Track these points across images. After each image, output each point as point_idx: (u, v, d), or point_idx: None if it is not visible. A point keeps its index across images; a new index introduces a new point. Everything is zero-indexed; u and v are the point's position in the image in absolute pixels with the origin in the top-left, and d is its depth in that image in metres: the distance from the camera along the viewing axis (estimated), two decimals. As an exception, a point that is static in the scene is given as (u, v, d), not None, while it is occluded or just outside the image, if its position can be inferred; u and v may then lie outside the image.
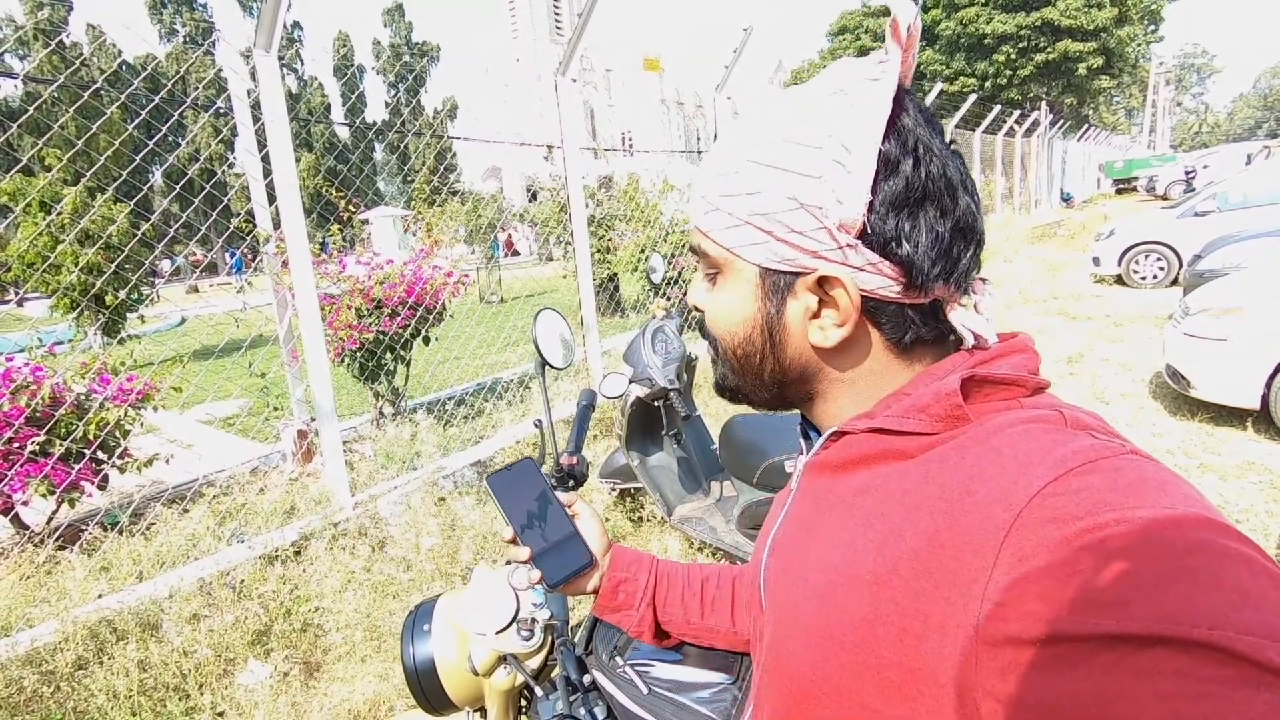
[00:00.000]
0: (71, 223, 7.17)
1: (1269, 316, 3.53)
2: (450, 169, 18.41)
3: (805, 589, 0.50)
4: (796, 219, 0.47)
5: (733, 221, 0.50)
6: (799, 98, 0.49)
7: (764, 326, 0.53)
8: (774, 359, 0.54)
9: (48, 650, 2.11)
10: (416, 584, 2.66)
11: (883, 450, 0.48)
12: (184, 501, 3.07)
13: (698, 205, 0.54)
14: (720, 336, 0.56)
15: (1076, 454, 0.38)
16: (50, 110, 16.79)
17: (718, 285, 0.55)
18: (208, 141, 20.73)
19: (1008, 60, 30.29)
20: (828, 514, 0.51)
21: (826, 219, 0.46)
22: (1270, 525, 2.78)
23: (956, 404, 0.45)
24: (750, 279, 0.52)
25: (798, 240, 0.48)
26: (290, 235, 2.86)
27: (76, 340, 7.19)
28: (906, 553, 0.42)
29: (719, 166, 0.51)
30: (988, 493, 0.39)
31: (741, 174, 0.49)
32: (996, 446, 0.42)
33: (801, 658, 0.48)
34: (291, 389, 3.63)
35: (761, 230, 0.49)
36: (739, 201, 0.49)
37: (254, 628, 2.38)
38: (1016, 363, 0.49)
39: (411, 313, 4.04)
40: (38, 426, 2.68)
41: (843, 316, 0.49)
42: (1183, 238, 7.88)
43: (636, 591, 0.79)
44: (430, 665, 0.96)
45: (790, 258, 0.49)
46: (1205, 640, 0.29)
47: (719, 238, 0.52)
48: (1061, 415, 0.44)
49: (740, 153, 0.50)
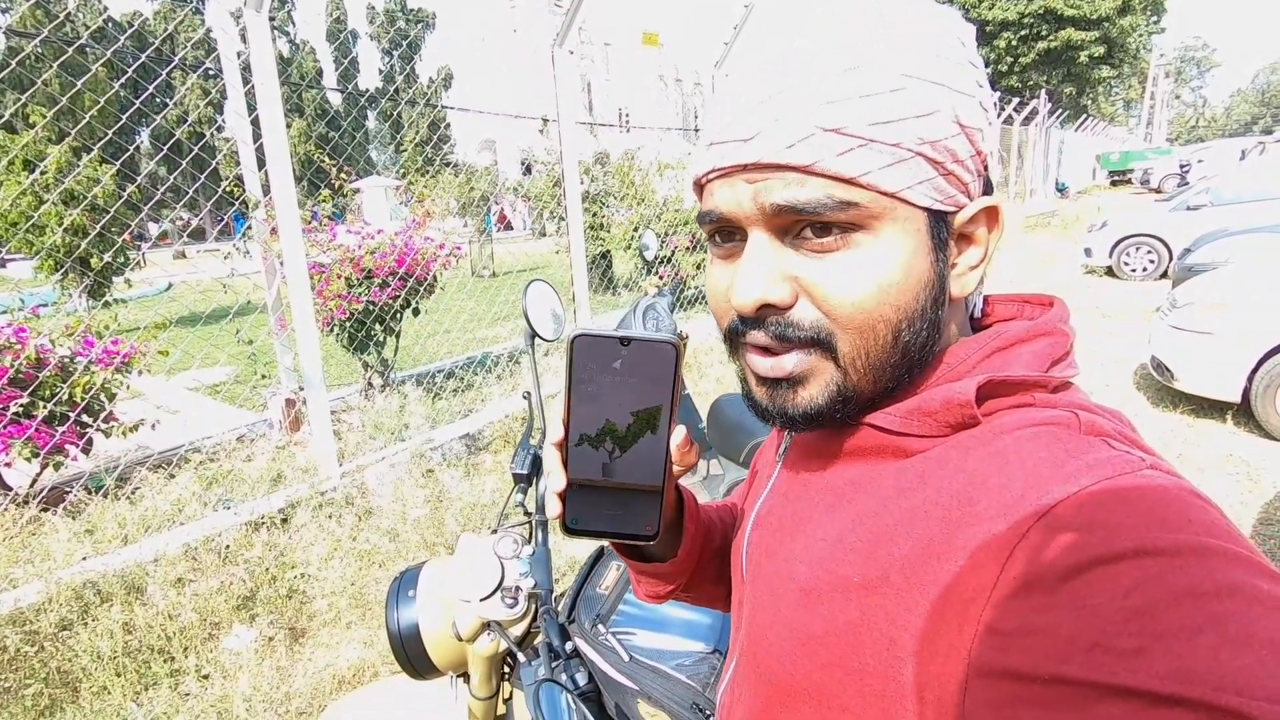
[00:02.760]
0: (56, 182, 7.03)
1: (1253, 311, 3.58)
2: (444, 140, 18.16)
3: (790, 581, 0.46)
4: (959, 146, 0.40)
5: (899, 155, 0.38)
6: (914, 7, 0.41)
7: (937, 286, 0.42)
8: (936, 331, 0.43)
9: (31, 610, 2.12)
10: (402, 554, 2.67)
11: (882, 445, 0.44)
12: (170, 467, 3.06)
13: (817, 146, 0.38)
14: (872, 318, 0.41)
15: (1092, 468, 0.34)
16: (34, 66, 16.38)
17: (847, 248, 0.40)
18: (196, 103, 20.31)
19: (1009, 47, 30.10)
20: (816, 501, 0.48)
21: (983, 143, 0.42)
22: (1244, 516, 2.84)
23: (970, 414, 0.40)
24: (918, 228, 0.41)
25: (959, 172, 0.41)
26: (280, 201, 2.82)
27: (61, 302, 7.09)
28: (898, 560, 0.38)
29: (855, 84, 0.38)
30: (990, 504, 0.36)
31: (906, 91, 0.38)
32: (1002, 451, 0.38)
33: (782, 652, 0.46)
34: (280, 357, 3.61)
35: (932, 163, 0.39)
36: (908, 128, 0.38)
37: (239, 593, 2.39)
38: (1040, 351, 0.43)
39: (402, 283, 4.01)
40: (21, 388, 2.65)
41: (984, 253, 0.44)
42: (1174, 231, 7.91)
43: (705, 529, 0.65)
44: (415, 630, 0.97)
45: (951, 195, 0.41)
46: (1229, 707, 0.25)
47: (878, 180, 0.39)
48: (1077, 419, 0.39)
49: (892, 62, 0.38)
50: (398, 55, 35.48)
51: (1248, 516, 2.83)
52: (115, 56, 3.28)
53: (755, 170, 0.41)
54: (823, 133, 0.38)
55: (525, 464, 1.05)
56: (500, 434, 3.82)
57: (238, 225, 3.59)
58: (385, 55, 38.51)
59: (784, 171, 0.40)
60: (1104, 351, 5.36)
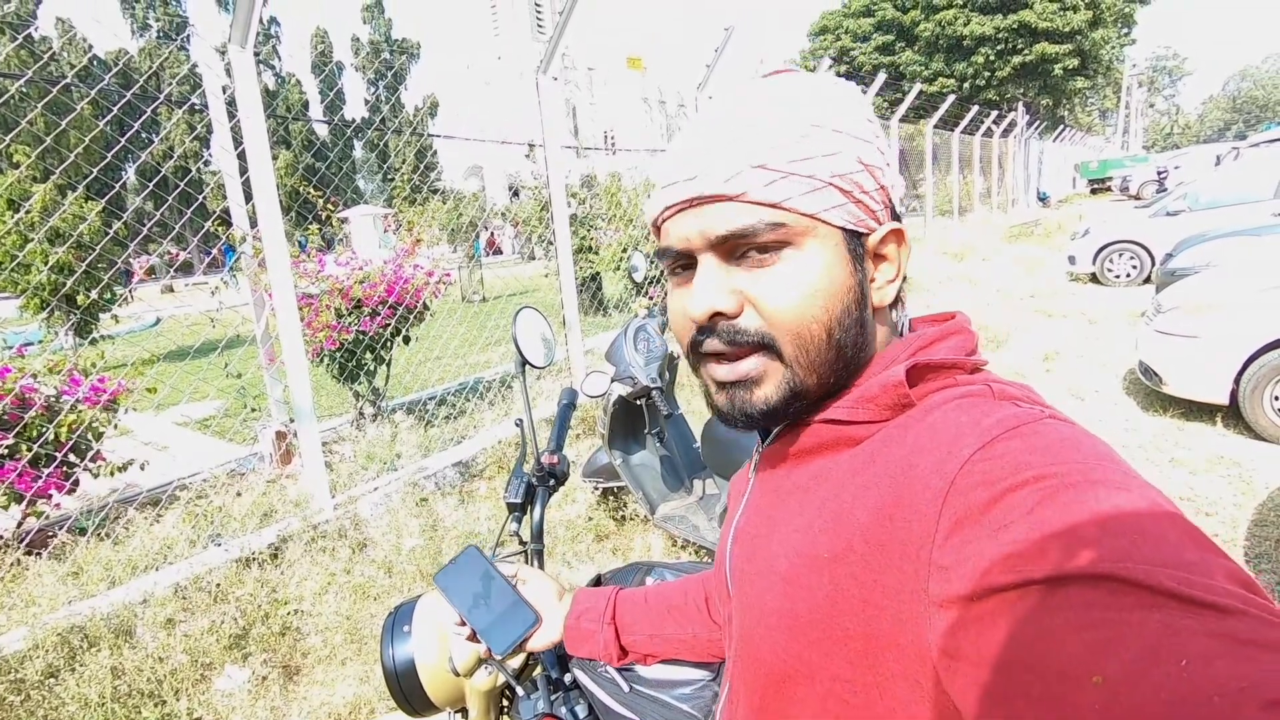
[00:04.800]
0: (41, 220, 7.01)
1: (1238, 313, 3.62)
2: (431, 167, 18.26)
3: (771, 576, 0.51)
4: (864, 179, 0.50)
5: (814, 185, 0.48)
6: (816, 81, 0.52)
7: (858, 292, 0.51)
8: (864, 330, 0.52)
9: (16, 659, 2.06)
10: (397, 586, 2.63)
11: (835, 438, 0.51)
12: (159, 506, 3.01)
13: (747, 179, 0.48)
14: (805, 319, 0.49)
15: (1001, 422, 0.42)
16: (18, 106, 16.36)
17: (779, 263, 0.49)
18: (182, 138, 20.37)
19: (986, 62, 30.68)
20: (786, 501, 0.53)
21: (884, 178, 0.51)
22: (1238, 517, 2.85)
23: (904, 393, 0.48)
24: (836, 244, 0.50)
25: (867, 200, 0.50)
26: (267, 234, 2.82)
27: (47, 341, 7.03)
28: (859, 528, 0.44)
29: (773, 133, 0.48)
30: (926, 465, 0.42)
31: (812, 138, 0.48)
32: (933, 423, 0.45)
33: (772, 640, 0.50)
34: (269, 390, 3.58)
35: (842, 191, 0.49)
36: (818, 164, 0.48)
37: (231, 632, 2.34)
38: (954, 345, 0.52)
39: (391, 312, 4.00)
40: (5, 430, 2.61)
41: (897, 268, 0.53)
42: (1155, 237, 8.03)
43: (596, 617, 0.81)
44: (410, 666, 0.95)
45: (861, 218, 0.50)
46: (1109, 573, 0.32)
47: (799, 204, 0.48)
48: (990, 389, 0.47)
49: (801, 118, 0.48)
50: (383, 85, 35.77)
51: (1241, 519, 2.84)
52: (100, 94, 3.29)
53: (699, 204, 0.50)
54: (751, 169, 0.48)
55: (519, 492, 1.04)
56: (494, 460, 3.79)
57: (228, 257, 3.58)
58: (371, 85, 38.83)
59: (722, 202, 0.49)
60: (1092, 357, 5.40)
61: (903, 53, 33.19)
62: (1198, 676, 0.28)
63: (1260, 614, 0.30)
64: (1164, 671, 0.29)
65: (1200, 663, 0.29)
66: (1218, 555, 0.33)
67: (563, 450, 1.13)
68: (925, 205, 13.82)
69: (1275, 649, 0.29)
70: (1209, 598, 0.30)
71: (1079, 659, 0.31)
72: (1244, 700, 0.27)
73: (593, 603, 0.83)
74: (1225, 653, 0.29)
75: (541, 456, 1.09)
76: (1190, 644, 0.29)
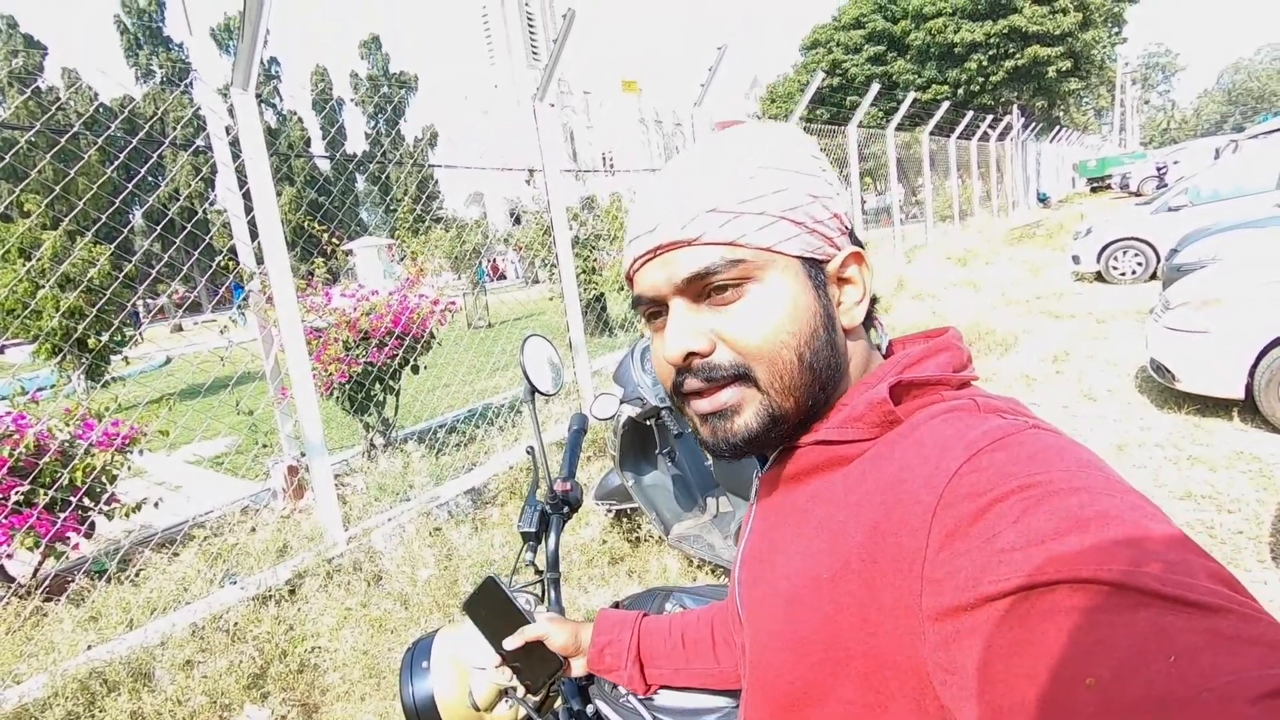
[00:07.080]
0: (51, 267, 7.12)
1: (1248, 306, 3.59)
2: (432, 197, 18.46)
3: (775, 599, 0.52)
4: (816, 210, 0.52)
5: (766, 220, 0.50)
6: (761, 128, 0.55)
7: (825, 315, 0.53)
8: (836, 351, 0.53)
9: (36, 706, 2.06)
10: (414, 618, 2.62)
11: (829, 458, 0.52)
12: (174, 545, 3.02)
13: (702, 223, 0.51)
14: (775, 346, 0.51)
15: (986, 434, 0.42)
16: (27, 156, 16.67)
17: (744, 298, 0.51)
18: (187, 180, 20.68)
19: (979, 67, 30.84)
20: (786, 523, 0.54)
21: (834, 207, 0.54)
22: (1261, 513, 2.80)
23: (888, 410, 0.49)
24: (796, 273, 0.52)
25: (821, 229, 0.53)
26: (274, 270, 2.85)
27: (59, 386, 7.10)
28: (855, 547, 0.45)
29: (722, 180, 0.51)
30: (915, 480, 0.43)
31: (759, 178, 0.51)
32: (920, 439, 0.46)
33: (780, 664, 0.50)
34: (280, 425, 3.59)
35: (794, 223, 0.51)
36: (767, 201, 0.51)
37: (249, 671, 2.33)
38: (942, 362, 0.53)
39: (399, 342, 4.03)
40: (21, 477, 2.63)
41: (862, 290, 0.55)
42: (1158, 233, 8.00)
43: (621, 652, 0.83)
44: (430, 702, 0.94)
45: (818, 246, 0.53)
46: (1096, 577, 0.32)
47: (754, 240, 0.50)
48: (975, 403, 0.48)
49: (747, 163, 0.52)
50: (383, 119, 36.31)
51: (1265, 515, 2.79)
52: (107, 141, 3.35)
53: (662, 251, 0.53)
54: (705, 213, 0.51)
55: (533, 521, 1.04)
56: (506, 486, 3.79)
57: (236, 294, 3.62)
58: (371, 119, 39.40)
59: (682, 247, 0.52)
60: (1102, 357, 5.36)
61: (895, 63, 33.43)
62: (1187, 673, 0.29)
63: (1243, 610, 0.31)
64: (1154, 669, 0.30)
65: (1188, 659, 0.29)
66: (1200, 556, 0.34)
67: (575, 477, 1.13)
68: (925, 211, 13.86)
69: (1260, 644, 0.29)
70: (1193, 596, 0.31)
71: (1071, 663, 0.32)
72: (1233, 694, 0.28)
73: (616, 634, 0.84)
74: (1212, 649, 0.29)
75: (554, 484, 1.08)
76: (1178, 641, 0.30)
